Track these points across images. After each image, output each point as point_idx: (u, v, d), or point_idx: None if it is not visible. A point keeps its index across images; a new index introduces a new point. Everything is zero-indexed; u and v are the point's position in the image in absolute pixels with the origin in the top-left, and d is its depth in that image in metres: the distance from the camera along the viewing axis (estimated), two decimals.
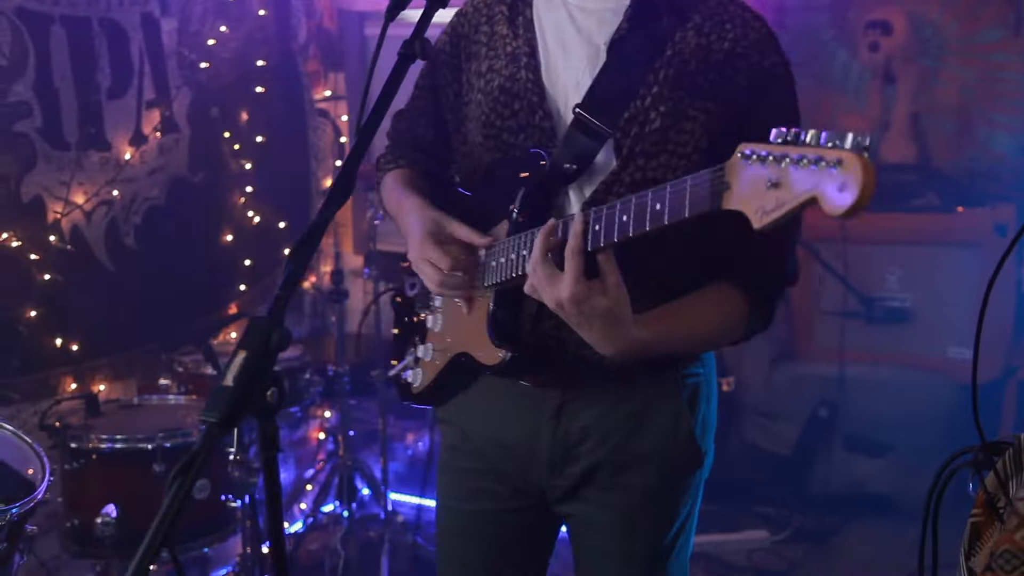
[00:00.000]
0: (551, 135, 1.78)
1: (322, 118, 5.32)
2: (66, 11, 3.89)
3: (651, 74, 1.73)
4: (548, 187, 1.76)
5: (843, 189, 1.20)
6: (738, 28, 1.74)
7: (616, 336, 1.61)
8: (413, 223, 1.85)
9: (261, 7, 4.78)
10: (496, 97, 1.83)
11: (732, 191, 1.34)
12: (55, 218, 3.91)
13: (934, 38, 5.74)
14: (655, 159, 1.72)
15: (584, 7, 1.81)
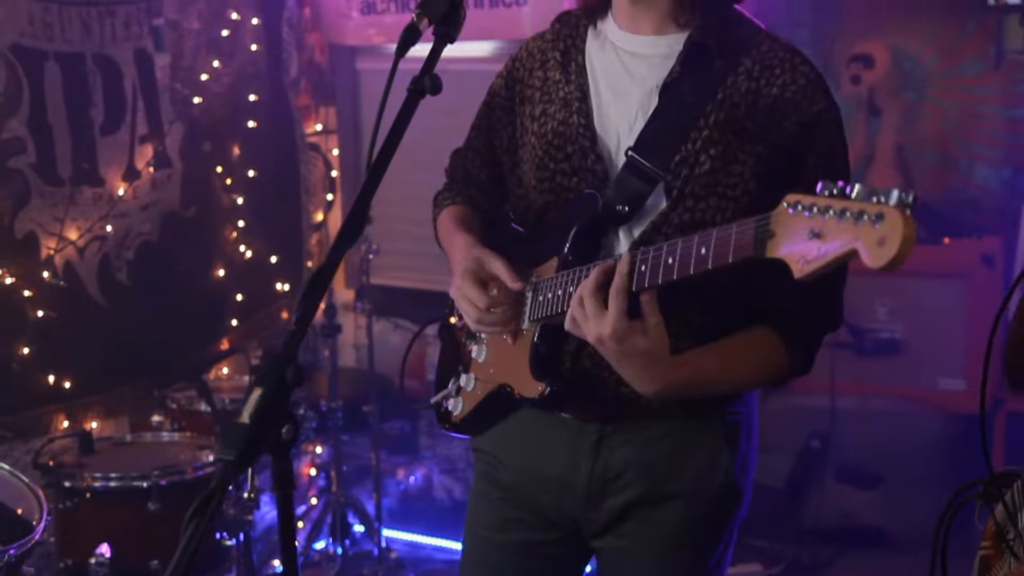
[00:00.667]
0: (603, 178, 1.81)
1: (313, 152, 5.33)
2: (60, 47, 3.90)
3: (702, 118, 1.75)
4: (599, 227, 1.80)
5: (883, 243, 1.25)
6: (787, 73, 1.76)
7: (654, 375, 1.64)
8: (458, 260, 1.90)
9: (253, 42, 4.80)
10: (549, 141, 1.86)
11: (776, 239, 1.38)
12: (48, 254, 3.90)
13: (915, 71, 5.82)
14: (704, 201, 1.75)
15: (636, 52, 1.84)
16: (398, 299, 4.97)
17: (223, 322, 4.76)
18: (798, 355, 1.80)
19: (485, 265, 1.85)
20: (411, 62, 1.63)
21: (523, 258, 1.87)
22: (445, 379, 2.05)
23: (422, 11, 1.59)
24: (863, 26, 5.81)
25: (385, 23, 5.01)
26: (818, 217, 1.32)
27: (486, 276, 1.85)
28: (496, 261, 1.84)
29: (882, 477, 4.86)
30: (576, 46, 1.91)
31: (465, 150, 2.10)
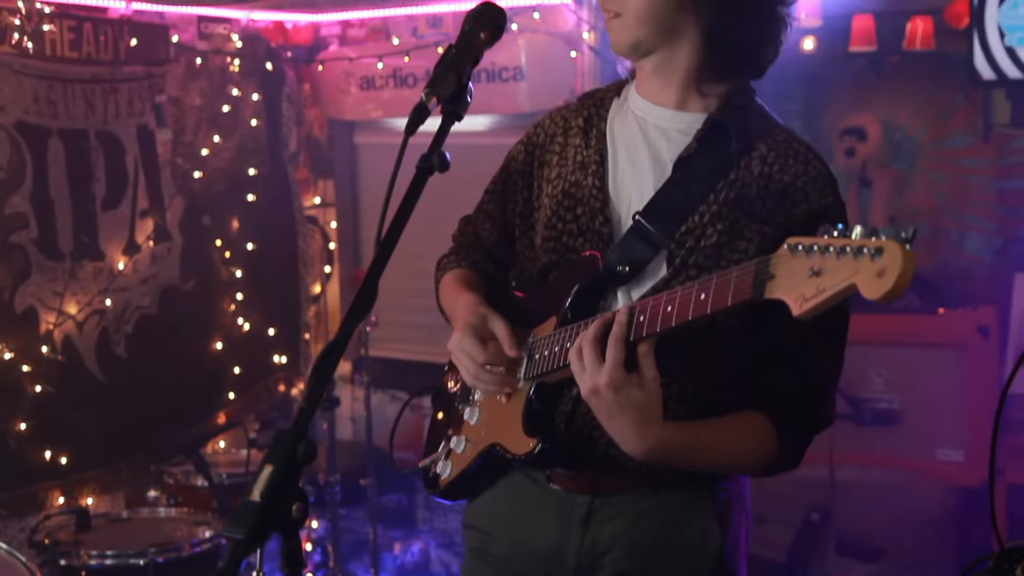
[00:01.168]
0: (608, 240, 1.83)
1: (311, 225, 5.37)
2: (64, 124, 3.95)
3: (712, 193, 1.79)
4: (599, 287, 1.81)
5: (882, 275, 1.26)
6: (800, 164, 1.80)
7: (645, 433, 1.63)
8: (461, 315, 1.90)
9: (254, 117, 4.86)
10: (560, 201, 1.89)
11: (776, 280, 1.40)
12: (47, 329, 3.90)
13: (905, 143, 5.90)
14: (706, 272, 1.76)
15: (658, 124, 1.87)
16: (396, 371, 4.96)
17: (220, 395, 4.75)
18: (789, 446, 1.79)
19: (488, 323, 1.86)
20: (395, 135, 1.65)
21: (521, 321, 1.87)
22: (435, 443, 2.04)
23: (431, 90, 1.61)
24: (854, 99, 5.90)
25: (383, 98, 5.08)
26: (818, 256, 1.34)
27: (487, 334, 1.85)
28: (499, 323, 1.85)
29: (883, 550, 4.82)
30: (599, 114, 1.95)
31: (476, 214, 2.12)
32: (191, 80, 4.53)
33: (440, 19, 4.89)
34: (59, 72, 3.91)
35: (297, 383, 5.24)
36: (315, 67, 5.20)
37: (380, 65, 4.92)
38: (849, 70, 5.70)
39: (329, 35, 5.23)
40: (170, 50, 4.38)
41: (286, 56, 5.06)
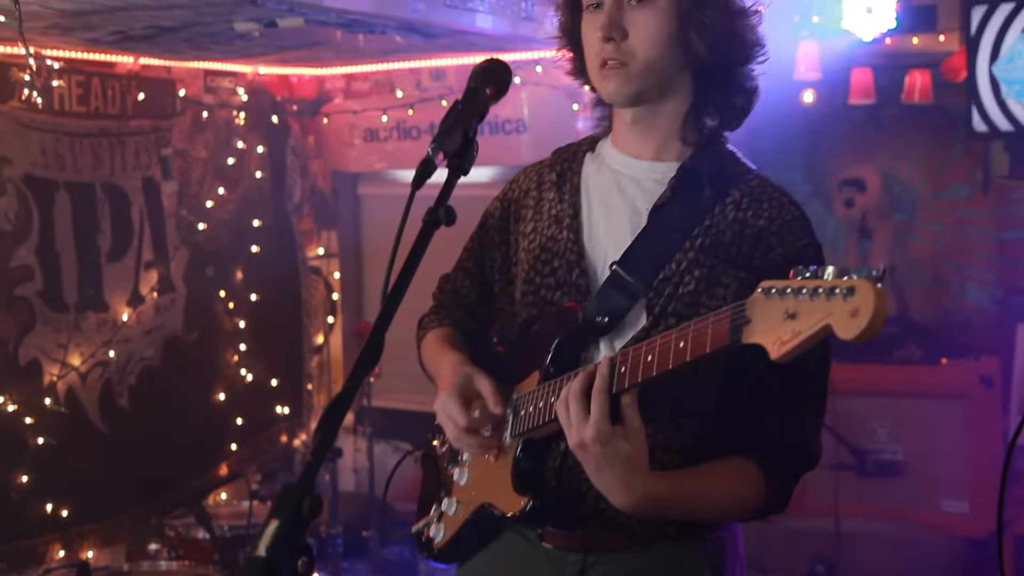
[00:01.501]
0: (586, 292, 1.84)
1: (315, 275, 5.39)
2: (71, 177, 3.99)
3: (688, 240, 1.79)
4: (580, 340, 1.81)
5: (855, 314, 1.26)
6: (775, 208, 1.81)
7: (633, 485, 1.63)
8: (446, 375, 1.90)
9: (259, 169, 4.91)
10: (537, 256, 1.90)
11: (752, 325, 1.41)
12: (51, 380, 3.91)
13: (905, 194, 5.94)
14: (685, 319, 1.74)
15: (632, 175, 1.88)
16: (399, 422, 4.95)
17: (223, 446, 4.73)
18: (776, 490, 1.79)
19: (473, 382, 1.85)
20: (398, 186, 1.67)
21: (504, 377, 1.87)
22: (427, 506, 2.02)
23: (437, 145, 1.61)
24: (853, 151, 5.95)
25: (387, 150, 5.13)
26: (792, 298, 1.35)
27: (472, 394, 1.84)
28: (484, 381, 1.84)
29: None
30: (572, 168, 1.96)
31: (455, 272, 2.12)
32: (197, 133, 4.58)
33: (443, 72, 4.95)
34: (67, 126, 3.96)
35: (299, 434, 5.23)
36: (320, 120, 5.25)
37: (384, 118, 4.97)
38: (848, 122, 5.76)
39: (334, 88, 5.29)
40: (176, 104, 4.43)
41: (291, 109, 5.11)
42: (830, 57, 5.23)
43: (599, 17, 1.81)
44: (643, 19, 1.79)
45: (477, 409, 1.83)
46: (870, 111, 5.61)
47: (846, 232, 6.04)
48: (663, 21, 1.79)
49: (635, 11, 1.79)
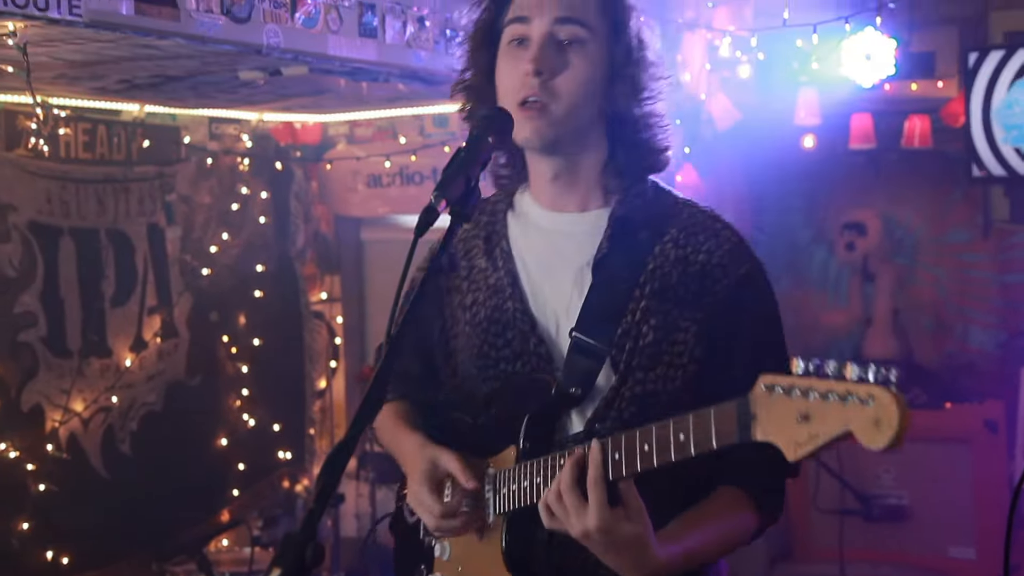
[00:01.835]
0: (547, 359, 1.81)
1: (317, 320, 5.40)
2: (76, 223, 4.01)
3: (636, 289, 1.78)
4: (552, 412, 1.78)
5: (878, 425, 1.25)
6: (712, 239, 1.81)
7: (643, 561, 1.61)
8: (409, 463, 1.85)
9: (262, 214, 4.93)
10: (486, 328, 1.85)
11: (759, 422, 1.39)
12: (53, 427, 3.91)
13: (906, 239, 5.96)
14: (652, 371, 1.76)
15: (562, 230, 1.86)
16: None
17: (225, 492, 4.72)
18: (768, 510, 1.80)
19: (440, 464, 1.80)
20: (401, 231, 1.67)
21: (475, 449, 1.83)
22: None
23: (440, 193, 1.59)
24: (854, 195, 5.98)
25: (390, 196, 5.16)
26: (801, 400, 1.33)
27: (440, 475, 1.81)
28: (451, 459, 1.80)
29: None
30: (498, 231, 1.91)
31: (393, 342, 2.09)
32: (201, 179, 4.61)
33: (446, 118, 4.99)
34: (72, 173, 3.99)
35: (302, 479, 5.21)
36: (323, 165, 5.29)
37: (387, 163, 5.01)
38: (849, 167, 5.79)
39: (337, 134, 5.33)
40: (181, 150, 4.47)
41: (294, 155, 5.15)
42: (830, 103, 5.27)
43: (524, 53, 1.77)
44: (574, 60, 1.76)
45: (449, 489, 1.81)
46: (870, 156, 5.64)
47: (849, 275, 6.05)
48: (592, 66, 1.77)
49: (564, 52, 1.76)
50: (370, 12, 3.28)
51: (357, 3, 3.23)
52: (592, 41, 1.76)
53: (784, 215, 6.13)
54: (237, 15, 2.76)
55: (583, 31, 1.75)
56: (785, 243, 6.12)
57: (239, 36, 2.76)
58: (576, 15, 1.75)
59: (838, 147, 5.54)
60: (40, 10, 2.18)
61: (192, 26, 2.60)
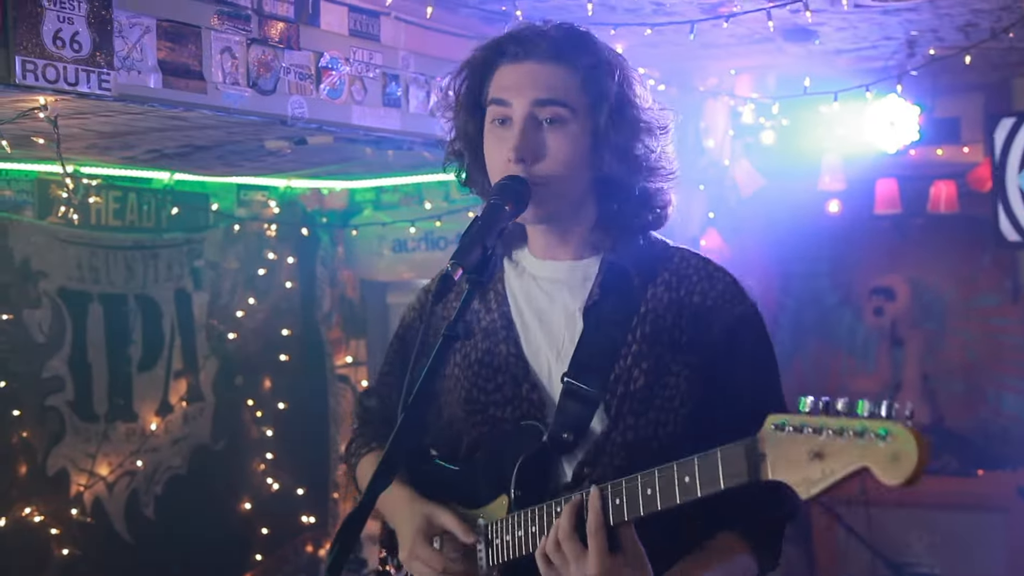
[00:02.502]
0: (539, 406, 1.80)
1: (342, 383, 5.41)
2: (105, 289, 4.07)
3: (629, 333, 1.77)
4: (544, 459, 1.77)
5: (897, 460, 1.25)
6: (704, 281, 1.80)
7: None
8: (401, 519, 1.84)
9: (288, 279, 4.98)
10: (477, 371, 1.84)
11: (769, 461, 1.39)
12: (78, 491, 3.93)
13: (935, 303, 5.93)
14: (643, 416, 1.75)
15: (555, 278, 1.86)
16: None
17: (248, 556, 4.70)
18: (767, 557, 1.78)
19: (434, 520, 1.80)
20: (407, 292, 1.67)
21: (462, 498, 1.82)
22: None
23: (456, 261, 1.61)
24: (881, 260, 5.96)
25: (415, 260, 5.20)
26: (813, 437, 1.32)
27: (436, 531, 1.80)
28: (446, 516, 1.80)
29: None
30: (494, 275, 1.89)
31: (378, 387, 2.06)
32: (229, 245, 4.67)
33: None
34: (102, 240, 4.05)
35: (325, 543, 5.18)
36: (349, 231, 5.34)
37: (412, 229, 5.05)
38: (875, 232, 5.79)
39: (363, 200, 5.38)
40: (210, 217, 4.53)
41: (321, 220, 5.21)
42: (854, 168, 5.29)
43: (507, 134, 1.76)
44: (556, 141, 1.74)
45: (438, 543, 1.80)
46: (896, 221, 5.64)
47: (877, 340, 6.01)
48: (576, 143, 1.75)
49: (547, 132, 1.75)
50: (394, 83, 3.34)
51: (381, 74, 3.29)
52: (573, 120, 1.75)
53: (811, 280, 6.12)
54: (263, 87, 2.82)
55: (563, 111, 1.74)
56: (812, 308, 6.10)
57: (264, 108, 2.82)
58: (556, 96, 1.74)
59: (863, 212, 5.54)
60: (70, 85, 2.24)
61: (218, 98, 2.66)
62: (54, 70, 2.23)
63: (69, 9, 2.25)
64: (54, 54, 2.23)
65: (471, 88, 1.83)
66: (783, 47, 4.45)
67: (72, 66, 2.26)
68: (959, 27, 4.13)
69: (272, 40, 2.87)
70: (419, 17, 3.34)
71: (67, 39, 2.25)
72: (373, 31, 3.27)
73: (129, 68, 2.40)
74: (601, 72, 1.77)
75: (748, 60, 4.81)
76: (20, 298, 3.77)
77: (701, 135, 5.33)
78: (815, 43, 4.34)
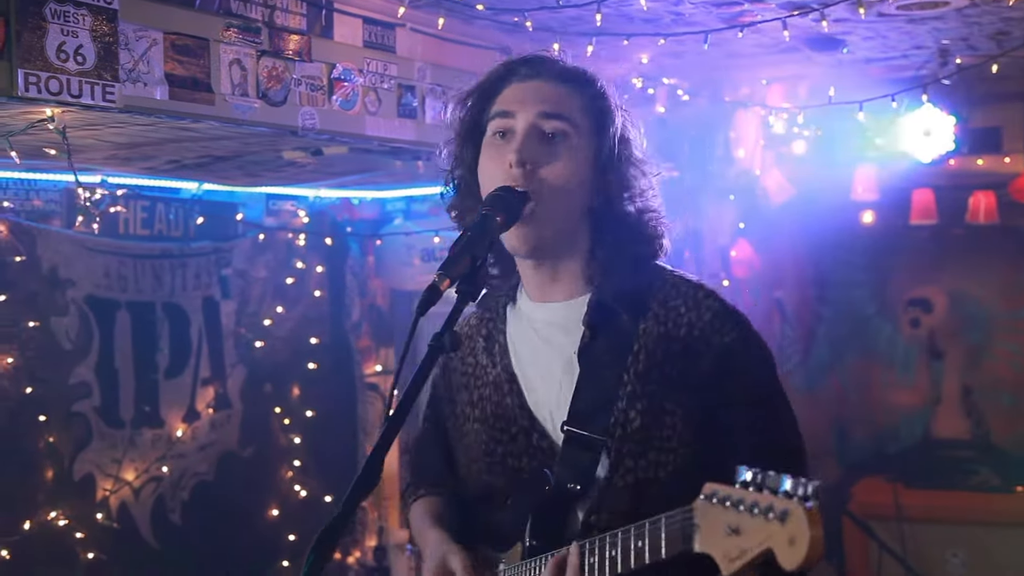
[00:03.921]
0: (551, 453, 1.79)
1: (371, 392, 5.44)
2: (132, 297, 4.13)
3: (624, 372, 1.75)
4: (554, 508, 1.77)
5: (793, 543, 1.22)
6: (692, 311, 1.77)
7: None
8: (427, 556, 1.89)
9: (317, 288, 5.02)
10: (492, 425, 1.86)
11: (702, 532, 1.36)
12: (104, 496, 3.98)
13: (978, 314, 5.81)
14: (643, 458, 1.72)
15: (550, 320, 1.85)
16: None
17: (275, 563, 4.74)
18: None
19: (448, 563, 1.83)
20: None
21: (494, 543, 1.85)
22: None
23: (444, 272, 1.61)
24: (918, 271, 5.87)
25: None
26: (732, 511, 1.30)
27: (448, 573, 1.83)
28: (457, 559, 1.82)
29: None
30: (498, 327, 1.92)
31: (421, 441, 2.11)
32: (257, 254, 4.72)
33: None
34: (130, 248, 4.12)
35: (353, 551, 5.21)
36: (378, 240, 5.37)
37: (436, 239, 5.07)
38: (911, 242, 5.70)
39: (394, 210, 5.42)
40: (238, 226, 4.58)
41: (350, 230, 5.25)
42: (888, 178, 5.22)
43: (508, 145, 1.75)
44: (559, 154, 1.74)
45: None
46: (933, 231, 5.54)
47: (916, 353, 5.90)
48: (577, 160, 1.75)
49: (549, 144, 1.75)
50: (410, 94, 3.36)
51: (396, 85, 3.31)
52: (577, 136, 1.75)
53: (848, 289, 6.04)
54: (273, 99, 2.85)
55: (567, 126, 1.75)
56: (850, 319, 6.01)
57: (274, 119, 2.85)
58: (561, 111, 1.75)
59: (898, 223, 5.46)
60: (74, 97, 2.29)
61: (227, 110, 2.70)
62: (57, 82, 2.27)
63: (73, 23, 2.30)
64: (57, 67, 2.27)
65: (475, 111, 1.84)
66: (811, 56, 4.40)
67: (76, 78, 2.31)
68: (990, 35, 4.06)
69: (283, 52, 2.90)
70: (435, 28, 3.35)
71: (71, 52, 2.29)
72: (389, 42, 3.30)
73: (135, 80, 2.44)
74: (606, 103, 1.80)
75: (779, 70, 4.76)
76: (47, 306, 3.85)
77: (731, 145, 5.29)
78: (843, 52, 4.29)
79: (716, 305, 1.77)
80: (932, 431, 5.85)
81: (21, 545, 3.69)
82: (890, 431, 5.89)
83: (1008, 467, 5.40)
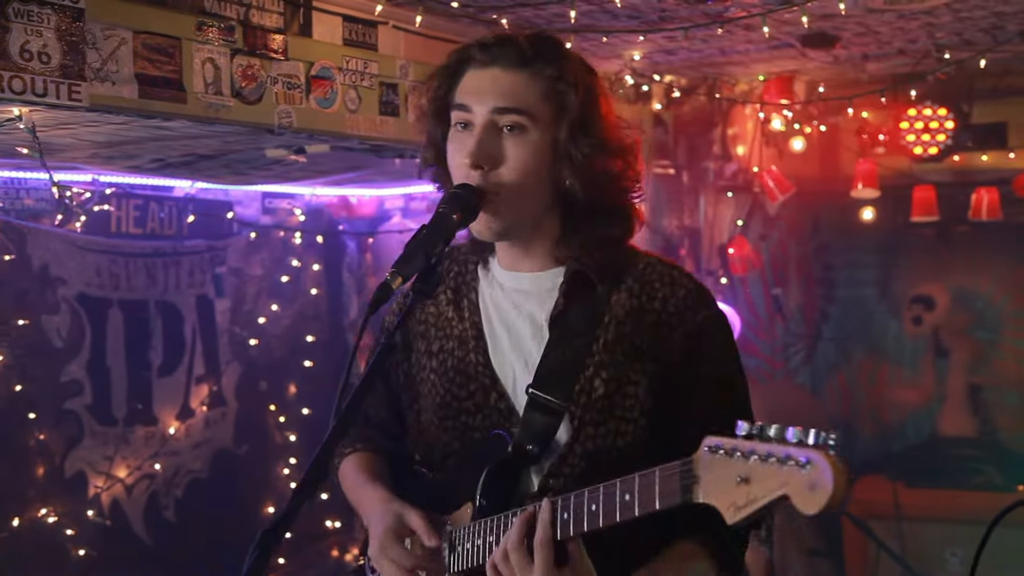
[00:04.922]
0: (507, 414, 1.80)
1: None
2: (125, 295, 4.15)
3: (593, 342, 1.76)
4: (509, 469, 1.77)
5: (814, 488, 1.24)
6: (667, 287, 1.79)
7: None
8: (375, 517, 1.85)
9: (314, 286, 5.03)
10: (451, 378, 1.86)
11: (701, 484, 1.38)
12: (95, 492, 4.01)
13: (987, 311, 5.75)
14: (604, 426, 1.74)
15: (522, 289, 1.85)
16: None
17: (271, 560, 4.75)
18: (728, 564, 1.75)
19: (404, 520, 1.81)
20: None
21: (435, 503, 1.83)
22: None
23: (396, 270, 1.61)
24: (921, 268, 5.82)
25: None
26: (742, 461, 1.32)
27: (405, 531, 1.81)
28: (415, 516, 1.80)
29: None
30: (467, 283, 1.91)
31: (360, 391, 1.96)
32: (252, 252, 4.73)
33: None
34: (122, 247, 4.14)
35: (350, 548, 5.22)
36: (375, 238, 5.37)
37: None
38: (913, 239, 5.65)
39: (393, 207, 5.42)
40: (233, 225, 4.59)
41: (347, 228, 5.25)
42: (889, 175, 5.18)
43: (467, 139, 1.75)
44: (515, 149, 1.73)
45: (409, 545, 1.81)
46: (936, 228, 5.50)
47: (923, 351, 5.85)
48: (536, 153, 1.74)
49: (507, 139, 1.74)
50: (392, 91, 3.36)
51: (378, 83, 3.31)
52: (534, 128, 1.74)
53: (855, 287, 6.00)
54: (248, 98, 2.86)
55: (523, 119, 1.73)
56: (856, 317, 5.98)
57: (249, 117, 2.85)
58: (516, 104, 1.73)
59: (898, 219, 5.42)
60: (38, 96, 2.30)
61: (199, 107, 2.70)
62: (21, 81, 2.28)
63: (37, 22, 2.31)
64: (21, 66, 2.28)
65: (439, 94, 1.83)
66: (806, 53, 4.37)
67: (40, 77, 2.32)
68: (984, 30, 4.01)
69: (258, 51, 2.90)
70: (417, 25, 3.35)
71: (35, 51, 2.30)
72: (370, 40, 3.29)
73: (103, 79, 2.45)
74: (565, 84, 1.76)
75: (774, 66, 4.74)
76: (38, 304, 3.87)
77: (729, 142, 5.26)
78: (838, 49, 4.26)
79: (691, 284, 1.80)
80: (938, 429, 5.81)
81: (9, 542, 3.71)
82: (896, 429, 5.85)
83: (1012, 466, 5.34)
